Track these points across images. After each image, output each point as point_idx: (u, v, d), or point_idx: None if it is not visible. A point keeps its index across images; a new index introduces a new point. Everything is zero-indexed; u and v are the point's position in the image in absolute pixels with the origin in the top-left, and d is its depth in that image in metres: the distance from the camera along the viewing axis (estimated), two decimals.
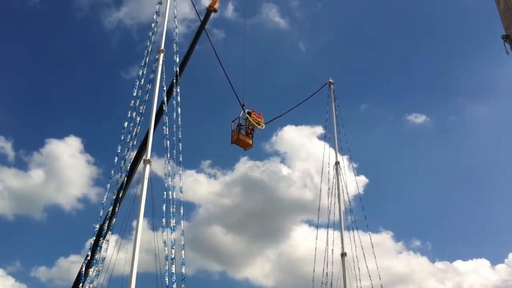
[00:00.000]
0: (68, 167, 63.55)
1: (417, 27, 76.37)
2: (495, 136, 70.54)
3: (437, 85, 74.25)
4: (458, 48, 74.68)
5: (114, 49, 73.82)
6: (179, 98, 20.78)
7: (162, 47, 21.44)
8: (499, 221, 66.13)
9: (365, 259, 26.04)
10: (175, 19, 22.80)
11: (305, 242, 55.65)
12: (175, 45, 22.08)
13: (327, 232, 27.03)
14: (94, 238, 17.95)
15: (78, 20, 72.53)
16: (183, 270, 16.96)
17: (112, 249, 17.70)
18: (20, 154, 64.26)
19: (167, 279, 16.37)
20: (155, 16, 22.58)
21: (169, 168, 18.80)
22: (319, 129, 59.77)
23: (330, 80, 32.07)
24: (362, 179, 52.46)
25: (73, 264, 52.29)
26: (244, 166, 64.46)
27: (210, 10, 30.35)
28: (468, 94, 72.77)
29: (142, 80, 20.61)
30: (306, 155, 64.13)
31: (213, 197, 64.30)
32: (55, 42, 73.05)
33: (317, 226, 28.25)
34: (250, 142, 29.57)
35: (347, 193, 28.21)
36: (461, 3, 72.04)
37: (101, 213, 17.96)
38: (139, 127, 19.67)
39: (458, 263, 59.32)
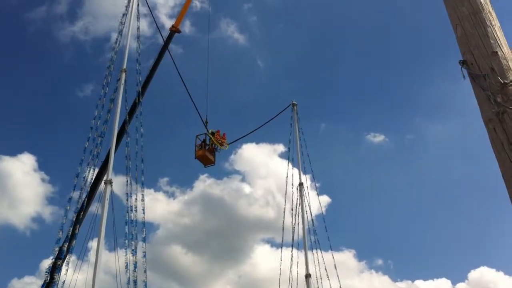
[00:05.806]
0: (21, 185, 61.88)
1: (376, 48, 78.75)
2: (452, 154, 72.86)
3: (394, 105, 76.41)
4: (415, 69, 77.49)
5: (68, 64, 72.57)
6: (141, 118, 20.67)
7: (124, 66, 21.30)
8: (459, 240, 67.89)
9: (328, 279, 26.13)
10: (138, 39, 22.78)
11: (266, 262, 55.57)
12: (138, 65, 22.02)
13: (291, 254, 26.94)
14: (53, 260, 17.40)
15: (30, 33, 71.23)
16: None
17: (69, 271, 17.28)
18: None
19: None
20: (116, 36, 22.48)
21: (131, 188, 18.60)
22: (280, 147, 60.30)
23: (294, 102, 31.92)
24: (325, 199, 53.09)
25: (27, 285, 50.69)
26: (204, 184, 64.01)
27: (173, 31, 30.24)
28: (425, 113, 75.32)
29: (104, 100, 20.43)
30: (266, 173, 64.35)
31: (172, 216, 63.56)
32: (7, 56, 71.49)
33: (281, 247, 28.25)
34: (213, 159, 29.86)
35: (311, 213, 28.36)
36: (421, 27, 74.63)
37: (60, 235, 17.51)
38: (100, 147, 19.40)
39: (420, 283, 60.41)
